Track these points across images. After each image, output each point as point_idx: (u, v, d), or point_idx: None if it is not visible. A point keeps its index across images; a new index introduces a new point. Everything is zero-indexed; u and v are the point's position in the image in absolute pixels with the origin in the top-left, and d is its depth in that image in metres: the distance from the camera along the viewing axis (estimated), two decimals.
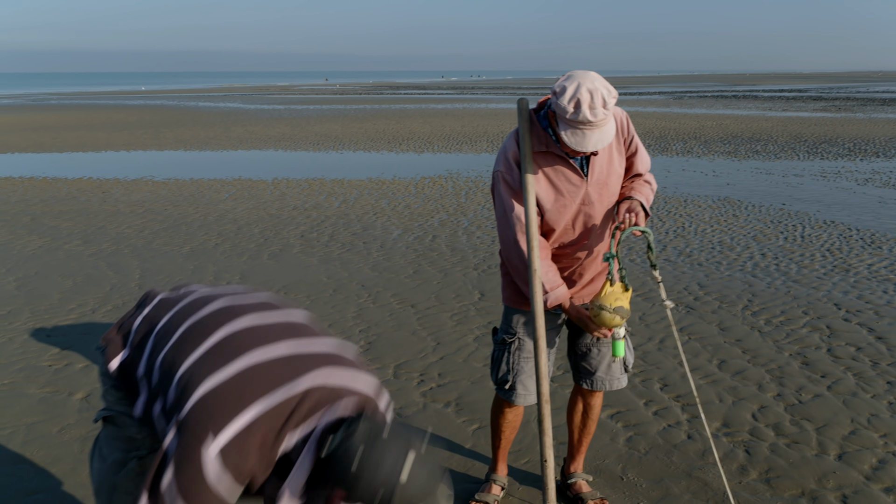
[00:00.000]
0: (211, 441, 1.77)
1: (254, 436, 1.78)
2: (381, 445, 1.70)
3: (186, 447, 1.78)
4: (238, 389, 1.82)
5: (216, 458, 1.76)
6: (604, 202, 2.78)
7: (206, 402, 1.82)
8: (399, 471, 1.69)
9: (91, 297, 6.14)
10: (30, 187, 12.08)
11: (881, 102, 34.93)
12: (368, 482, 1.68)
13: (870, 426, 3.85)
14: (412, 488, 1.70)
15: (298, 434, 1.81)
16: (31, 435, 3.83)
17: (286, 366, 1.88)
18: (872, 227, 8.46)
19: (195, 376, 1.87)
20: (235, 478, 1.79)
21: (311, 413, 1.82)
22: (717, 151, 16.18)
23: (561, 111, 2.50)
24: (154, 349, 2.02)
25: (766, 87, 62.69)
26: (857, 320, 5.41)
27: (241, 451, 1.78)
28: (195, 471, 1.77)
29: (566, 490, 3.27)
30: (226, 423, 1.78)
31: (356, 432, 1.71)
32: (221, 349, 1.92)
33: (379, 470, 1.67)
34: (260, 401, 1.80)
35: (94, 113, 32.33)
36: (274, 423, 1.80)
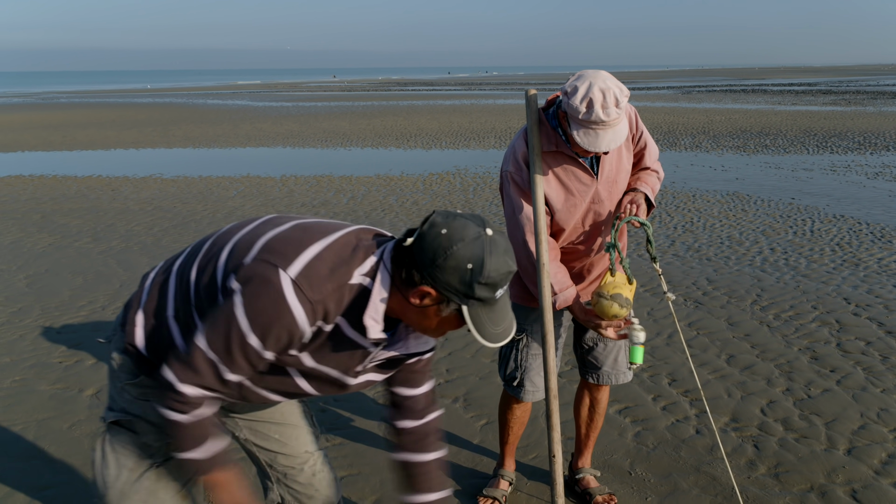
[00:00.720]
0: (284, 271, 1.75)
1: (325, 264, 1.78)
2: (461, 219, 1.72)
3: (259, 277, 1.76)
4: (299, 233, 1.85)
5: (291, 285, 1.75)
6: (613, 199, 2.78)
7: (271, 244, 1.82)
8: (483, 240, 1.70)
9: (101, 295, 6.17)
10: (40, 185, 12.14)
11: (892, 96, 34.70)
12: (459, 253, 1.68)
13: (879, 420, 3.83)
14: (497, 260, 1.70)
15: (368, 262, 1.82)
16: (42, 431, 3.85)
17: (335, 223, 1.94)
18: (883, 221, 8.42)
19: (253, 237, 1.88)
20: (310, 309, 1.77)
21: (374, 244, 1.85)
22: (725, 146, 16.12)
23: (573, 111, 2.46)
24: (180, 279, 1.99)
25: (775, 80, 62.38)
26: (867, 315, 5.38)
27: (315, 278, 1.76)
28: (274, 295, 1.74)
29: (574, 485, 3.27)
30: (295, 256, 1.78)
31: (434, 217, 1.74)
32: (269, 221, 1.94)
33: (465, 238, 1.69)
34: (323, 239, 1.83)
35: (103, 111, 32.45)
36: (342, 253, 1.81)
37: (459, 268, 1.68)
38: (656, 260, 2.81)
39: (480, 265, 1.68)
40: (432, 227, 1.71)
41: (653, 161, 2.89)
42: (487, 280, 1.70)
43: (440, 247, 1.69)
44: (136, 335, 2.03)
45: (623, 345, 3.03)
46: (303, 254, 1.78)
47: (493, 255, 1.70)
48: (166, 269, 2.07)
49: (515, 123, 22.44)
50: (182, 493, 2.15)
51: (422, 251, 1.71)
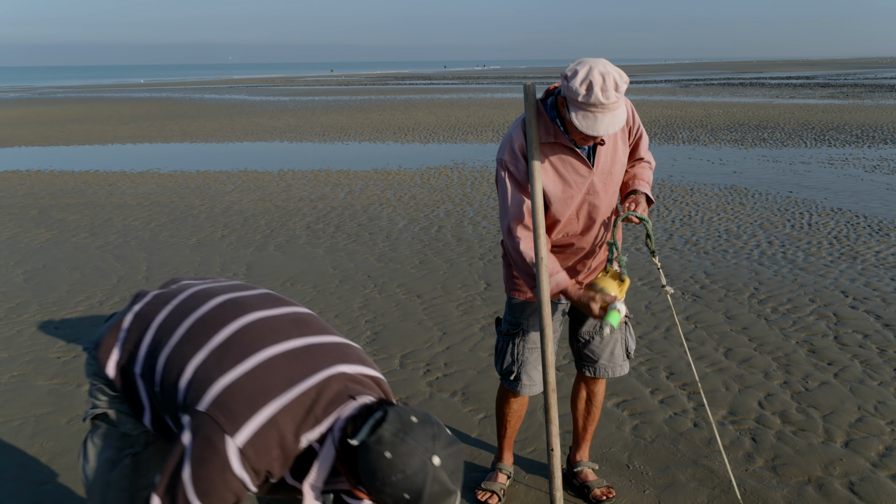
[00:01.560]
0: (230, 437, 1.74)
1: (274, 431, 1.76)
2: (410, 442, 1.66)
3: (206, 441, 1.75)
4: (257, 384, 1.80)
5: (236, 454, 1.74)
6: (608, 191, 2.78)
7: (224, 398, 1.79)
8: (427, 471, 1.65)
9: (98, 290, 6.16)
10: (37, 181, 12.12)
11: (889, 89, 34.70)
12: (398, 485, 1.64)
13: (877, 413, 3.84)
14: (437, 490, 1.66)
15: (318, 429, 1.79)
16: (40, 426, 3.85)
17: (302, 358, 1.87)
18: (880, 215, 8.42)
19: (212, 371, 1.84)
20: (256, 474, 1.77)
21: (331, 407, 1.80)
22: (723, 139, 16.12)
23: (572, 94, 2.45)
24: (155, 346, 1.98)
25: (772, 74, 62.34)
26: (865, 308, 5.39)
27: (262, 446, 1.75)
28: (219, 465, 1.74)
29: (572, 478, 3.28)
30: (245, 420, 1.75)
31: (383, 429, 1.67)
32: (235, 343, 1.89)
33: (408, 470, 1.64)
34: (280, 396, 1.78)
35: (99, 106, 32.39)
36: (294, 416, 1.78)
37: (395, 496, 1.65)
38: (655, 254, 2.83)
39: (417, 498, 1.65)
40: (378, 444, 1.65)
41: (647, 152, 2.92)
42: None
43: (380, 470, 1.65)
44: (108, 367, 2.06)
45: (619, 338, 3.04)
46: (254, 417, 1.75)
47: (433, 487, 1.65)
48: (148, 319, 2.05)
49: (512, 117, 22.41)
50: None
51: (364, 463, 1.67)
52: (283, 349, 1.88)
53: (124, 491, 2.10)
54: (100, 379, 2.10)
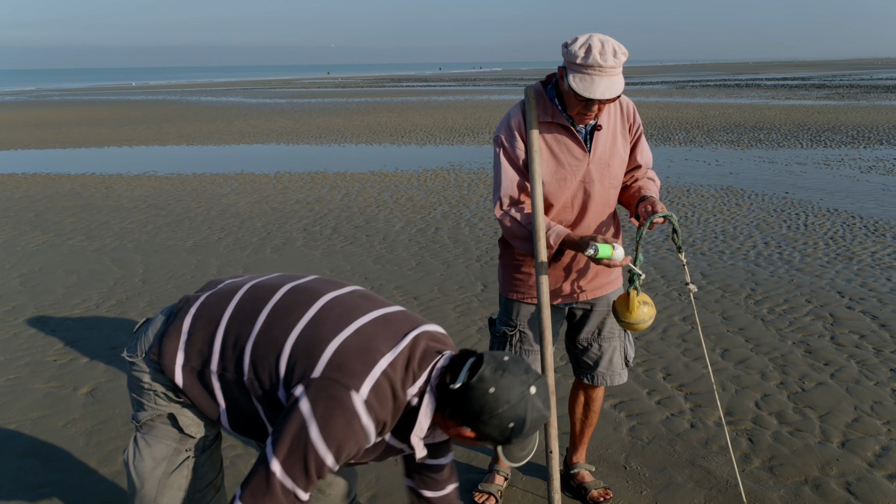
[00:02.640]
0: (356, 392, 1.84)
1: (388, 384, 1.87)
2: (509, 377, 1.82)
3: (333, 400, 1.83)
4: (362, 346, 1.90)
5: (363, 406, 1.84)
6: (605, 183, 2.76)
7: (338, 360, 1.88)
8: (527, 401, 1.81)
9: (95, 292, 6.15)
10: (33, 183, 12.10)
11: (885, 90, 34.78)
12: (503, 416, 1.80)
13: (873, 413, 3.85)
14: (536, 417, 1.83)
15: (417, 382, 1.92)
16: (37, 429, 3.85)
17: (388, 324, 1.99)
18: (876, 215, 8.44)
19: (313, 344, 1.92)
20: (376, 426, 1.88)
21: (424, 363, 1.93)
22: (719, 140, 16.14)
23: (571, 57, 2.50)
24: (234, 340, 2.02)
25: (768, 75, 62.46)
26: (861, 308, 5.40)
27: (381, 400, 1.86)
28: (348, 417, 1.83)
29: (569, 480, 3.27)
30: (364, 376, 1.85)
31: (484, 370, 1.82)
32: (325, 318, 1.98)
33: (511, 401, 1.80)
34: (386, 353, 1.90)
35: (96, 109, 32.35)
36: (399, 371, 1.90)
37: (501, 426, 1.82)
38: (681, 250, 2.77)
39: (521, 425, 1.82)
40: (480, 383, 1.81)
41: (646, 164, 2.89)
42: (524, 434, 1.84)
43: (486, 405, 1.80)
44: (175, 374, 2.08)
45: (618, 345, 3.00)
46: (371, 372, 1.87)
47: (533, 413, 1.83)
48: (212, 318, 2.07)
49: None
50: (215, 484, 2.24)
51: (468, 403, 1.82)
52: (370, 318, 1.99)
53: (182, 491, 2.14)
54: (161, 386, 2.11)
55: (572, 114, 2.63)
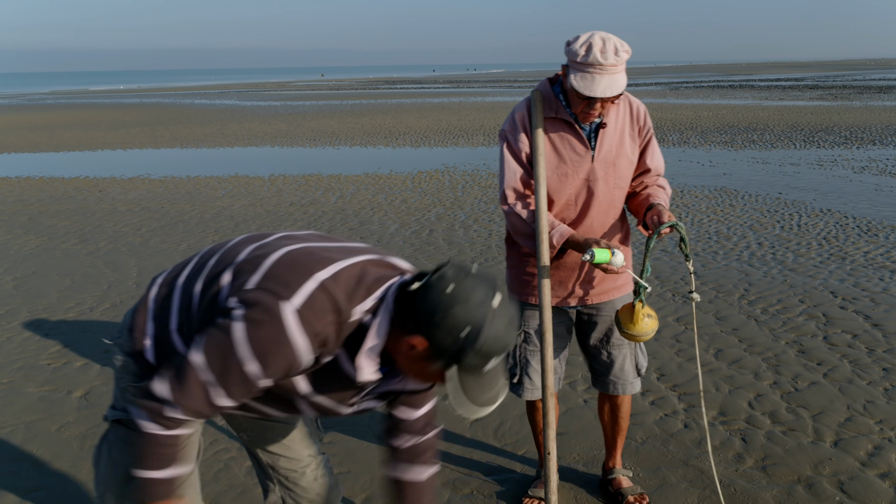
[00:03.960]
0: (286, 301, 1.71)
1: (327, 296, 1.73)
2: (472, 280, 1.67)
3: (263, 308, 1.71)
4: (304, 259, 1.79)
5: (293, 316, 1.70)
6: (609, 183, 2.75)
7: (273, 271, 1.78)
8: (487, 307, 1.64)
9: (89, 296, 6.14)
10: (26, 187, 12.07)
11: (878, 90, 34.91)
12: (458, 315, 1.62)
13: (865, 413, 3.86)
14: (496, 331, 1.65)
15: (370, 298, 1.77)
16: (31, 433, 3.84)
17: (342, 248, 1.88)
18: (869, 215, 8.47)
19: (256, 259, 1.83)
20: (311, 340, 1.73)
21: (381, 280, 1.79)
22: (713, 141, 16.19)
23: (572, 55, 2.52)
24: (185, 293, 1.94)
25: (762, 76, 62.64)
26: (854, 308, 5.42)
27: (316, 311, 1.72)
28: (276, 326, 1.70)
29: (607, 485, 3.23)
30: (298, 285, 1.73)
31: (446, 269, 1.68)
32: (279, 240, 1.89)
33: (470, 301, 1.63)
34: (327, 267, 1.77)
35: (89, 112, 32.28)
36: (345, 285, 1.76)
37: (455, 330, 1.63)
38: (689, 258, 2.73)
39: (477, 333, 1.63)
40: (440, 280, 1.67)
41: (657, 170, 2.85)
42: (480, 349, 1.64)
43: (441, 303, 1.64)
44: (144, 344, 2.00)
45: (629, 353, 2.98)
46: (306, 283, 1.74)
47: (493, 326, 1.64)
48: (171, 280, 2.03)
49: (503, 121, 22.41)
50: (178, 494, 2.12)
51: (424, 302, 1.66)
52: (324, 244, 1.90)
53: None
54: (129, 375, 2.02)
55: (576, 111, 2.64)
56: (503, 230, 8.09)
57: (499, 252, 7.21)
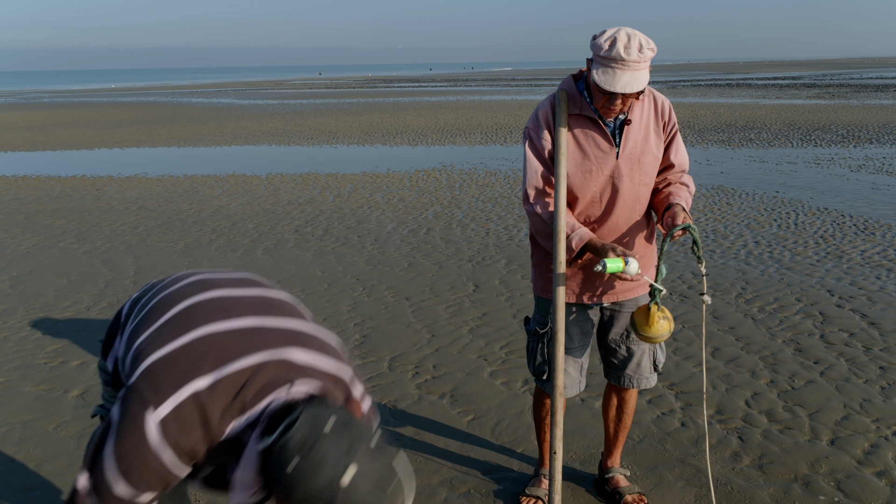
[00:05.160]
0: (152, 410, 1.62)
1: (196, 410, 1.63)
2: (322, 445, 1.49)
3: (129, 414, 1.64)
4: (187, 360, 1.68)
5: (156, 428, 1.61)
6: (634, 180, 2.73)
7: (153, 370, 1.68)
8: (335, 490, 1.48)
9: (86, 295, 6.14)
10: (23, 186, 12.05)
11: (875, 89, 34.95)
12: (305, 491, 1.48)
13: (862, 411, 3.87)
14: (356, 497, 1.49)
15: (246, 416, 1.65)
16: (28, 432, 3.83)
17: (245, 339, 1.73)
18: (866, 214, 8.49)
19: (150, 346, 1.74)
20: (177, 454, 1.64)
21: (262, 393, 1.66)
22: (710, 140, 16.20)
23: (597, 49, 2.52)
24: (130, 328, 1.89)
25: (759, 74, 62.68)
26: (850, 306, 5.43)
27: (182, 424, 1.62)
28: (137, 438, 1.61)
29: (604, 484, 3.23)
30: (169, 394, 1.63)
31: (292, 434, 1.51)
32: (180, 319, 1.78)
33: (315, 477, 1.48)
34: (207, 374, 1.66)
35: (86, 111, 32.23)
36: (222, 397, 1.64)
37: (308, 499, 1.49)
38: (702, 261, 2.72)
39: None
40: (284, 449, 1.50)
41: (680, 165, 2.84)
42: None
43: (286, 479, 1.49)
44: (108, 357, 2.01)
45: (647, 349, 2.98)
46: (178, 391, 1.64)
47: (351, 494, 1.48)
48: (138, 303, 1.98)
49: (502, 119, 22.45)
50: None
51: (273, 467, 1.52)
52: (229, 327, 1.75)
53: None
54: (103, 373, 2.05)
55: (598, 106, 2.64)
56: (500, 229, 8.09)
57: (496, 251, 7.22)
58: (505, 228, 8.16)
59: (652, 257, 2.95)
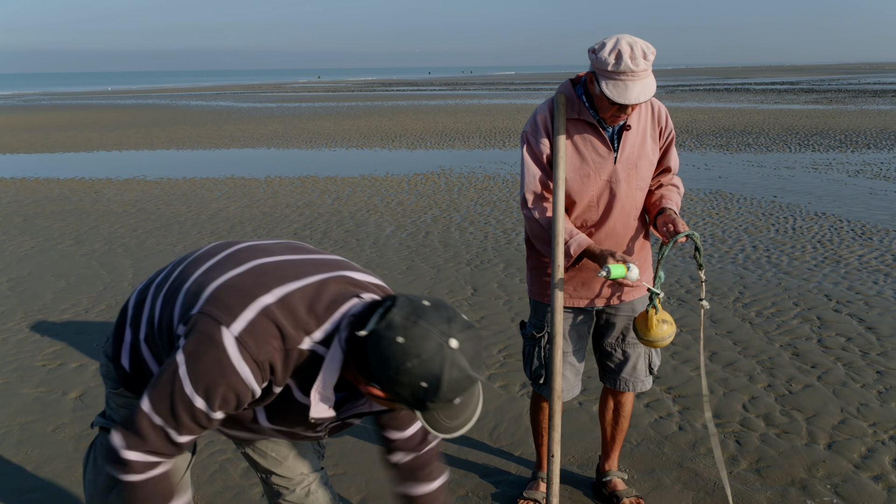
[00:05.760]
0: (227, 327, 1.66)
1: (271, 322, 1.67)
2: (423, 324, 1.54)
3: (202, 335, 1.67)
4: (250, 281, 1.73)
5: (234, 343, 1.65)
6: (632, 184, 2.75)
7: (217, 294, 1.72)
8: (444, 355, 1.53)
9: (84, 297, 6.14)
10: (21, 188, 12.05)
11: (872, 94, 35.02)
12: (413, 371, 1.52)
13: (859, 415, 3.88)
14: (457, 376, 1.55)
15: (323, 327, 1.69)
16: (26, 434, 3.84)
17: (298, 265, 1.80)
18: (863, 219, 8.51)
19: (205, 281, 1.77)
20: (254, 368, 1.66)
21: (335, 304, 1.71)
22: (708, 145, 16.22)
23: (601, 64, 2.49)
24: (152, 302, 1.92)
25: (757, 79, 62.80)
26: (848, 311, 5.44)
27: (258, 338, 1.66)
28: (217, 354, 1.64)
29: (601, 488, 3.24)
30: (240, 311, 1.67)
31: (393, 314, 1.56)
32: (229, 259, 1.83)
33: (423, 353, 1.52)
34: (275, 289, 1.70)
35: (85, 113, 32.23)
36: (294, 311, 1.68)
37: (412, 384, 1.54)
38: (702, 267, 2.77)
39: (436, 386, 1.53)
40: (388, 330, 1.54)
41: (674, 166, 2.89)
42: (442, 398, 1.56)
43: (393, 357, 1.53)
44: (121, 350, 1.99)
45: (643, 352, 2.99)
46: (249, 307, 1.67)
47: (452, 372, 1.54)
48: (146, 287, 2.00)
49: (500, 123, 22.47)
50: None
51: (375, 353, 1.56)
52: (280, 258, 1.82)
53: None
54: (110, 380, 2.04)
55: (605, 116, 2.64)
56: (499, 233, 8.10)
57: (494, 254, 7.23)
58: (503, 232, 8.18)
59: (647, 260, 2.96)
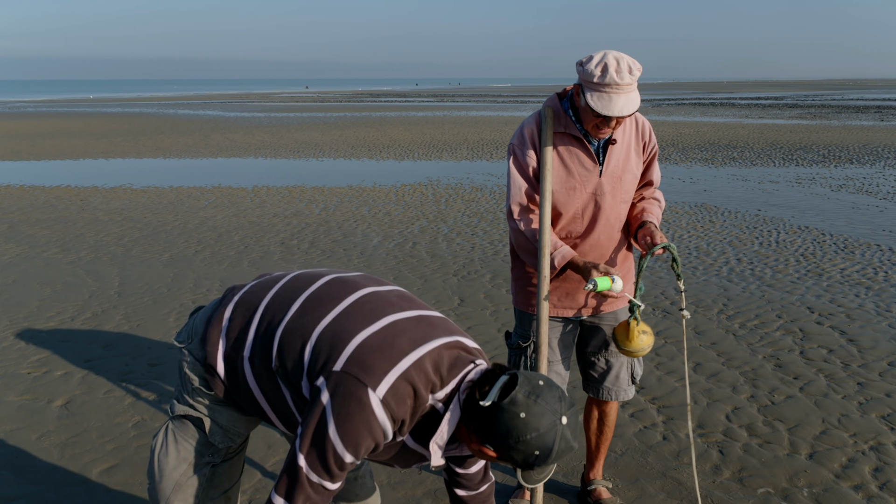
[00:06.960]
0: (374, 390, 1.85)
1: (408, 384, 1.88)
2: (542, 402, 1.79)
3: (351, 396, 1.85)
4: (387, 344, 1.91)
5: (379, 405, 1.85)
6: (616, 197, 2.80)
7: (359, 356, 1.89)
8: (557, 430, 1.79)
9: (70, 305, 6.12)
10: (6, 195, 11.99)
11: (855, 110, 35.42)
12: (531, 443, 1.77)
13: (840, 426, 3.93)
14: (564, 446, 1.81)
15: (445, 388, 1.92)
16: (11, 442, 3.82)
17: (421, 325, 1.99)
18: (845, 233, 8.61)
19: (340, 335, 1.95)
20: (393, 423, 1.89)
21: (456, 368, 1.94)
22: (694, 158, 16.36)
23: (587, 76, 2.54)
24: (267, 326, 2.07)
25: (743, 94, 63.36)
26: (830, 323, 5.51)
27: (398, 399, 1.87)
28: (365, 415, 1.85)
29: (586, 496, 3.26)
30: (383, 375, 1.86)
31: (517, 393, 1.79)
32: (357, 311, 2.00)
33: (541, 428, 1.77)
34: (410, 353, 1.90)
35: (71, 120, 32.08)
36: (424, 373, 1.90)
37: (527, 452, 1.79)
38: (681, 278, 2.83)
39: (547, 454, 1.80)
40: (512, 405, 1.78)
41: (656, 180, 2.96)
42: (548, 463, 1.83)
43: (514, 430, 1.78)
44: (216, 359, 2.13)
45: (625, 362, 3.03)
46: (391, 371, 1.87)
47: (561, 444, 1.80)
48: (250, 305, 2.13)
49: (488, 135, 22.56)
50: (228, 495, 2.30)
51: (496, 423, 1.80)
52: (403, 316, 2.01)
53: (194, 497, 2.22)
54: (197, 377, 2.17)
55: (588, 128, 2.68)
56: (485, 244, 8.14)
57: (481, 265, 7.26)
58: (490, 243, 8.22)
59: (630, 272, 3.00)
